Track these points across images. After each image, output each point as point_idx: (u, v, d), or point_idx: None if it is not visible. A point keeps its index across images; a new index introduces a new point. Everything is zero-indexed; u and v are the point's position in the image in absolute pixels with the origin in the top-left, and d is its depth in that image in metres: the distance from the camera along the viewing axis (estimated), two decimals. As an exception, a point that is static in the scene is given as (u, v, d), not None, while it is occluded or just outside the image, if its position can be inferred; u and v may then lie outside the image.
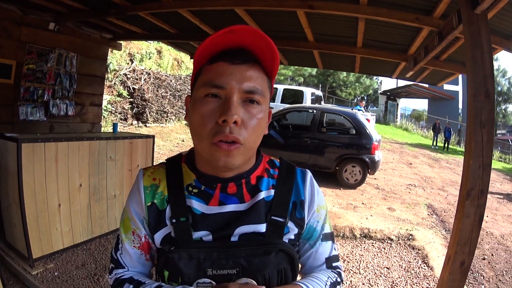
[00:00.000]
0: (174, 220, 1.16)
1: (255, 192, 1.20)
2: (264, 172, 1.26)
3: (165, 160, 1.32)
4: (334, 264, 1.34)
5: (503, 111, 32.84)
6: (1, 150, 4.60)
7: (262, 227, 1.16)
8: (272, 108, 15.10)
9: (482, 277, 5.61)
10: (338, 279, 1.31)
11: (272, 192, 1.22)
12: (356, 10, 4.19)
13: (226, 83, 1.03)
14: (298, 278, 1.27)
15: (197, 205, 1.17)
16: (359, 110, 15.62)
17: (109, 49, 7.80)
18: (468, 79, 2.81)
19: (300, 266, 1.30)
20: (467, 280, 5.35)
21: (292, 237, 1.21)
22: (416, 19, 4.04)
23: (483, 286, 5.36)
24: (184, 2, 4.86)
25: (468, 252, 2.81)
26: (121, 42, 7.90)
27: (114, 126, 6.50)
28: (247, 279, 1.09)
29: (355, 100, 41.76)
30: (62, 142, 4.78)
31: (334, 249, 1.35)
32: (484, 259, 6.31)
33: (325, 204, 1.34)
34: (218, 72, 1.04)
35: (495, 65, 32.24)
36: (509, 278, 5.73)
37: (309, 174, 1.32)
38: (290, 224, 1.21)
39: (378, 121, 31.10)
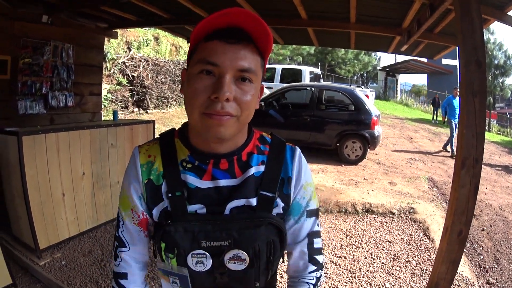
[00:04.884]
0: (170, 195, 1.20)
1: (245, 168, 1.24)
2: (254, 148, 1.29)
3: (159, 135, 1.36)
4: (315, 240, 1.38)
5: (500, 84, 32.33)
6: (2, 144, 4.62)
7: (253, 201, 1.20)
8: (272, 88, 15.06)
9: (481, 248, 5.67)
10: (318, 274, 1.40)
11: (262, 168, 1.26)
12: (346, -15, 4.20)
13: (220, 61, 1.05)
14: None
15: (192, 180, 1.21)
16: (453, 101, 14.02)
17: (105, 38, 7.79)
18: (459, 50, 2.82)
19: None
20: (467, 251, 5.43)
21: (280, 211, 1.26)
22: (407, -8, 4.05)
23: (481, 257, 5.42)
24: (176, -14, 4.87)
25: (465, 221, 2.85)
26: (117, 30, 7.89)
27: (114, 113, 6.53)
28: (238, 251, 1.15)
29: (355, 77, 41.53)
30: (63, 132, 4.81)
31: (317, 225, 1.40)
32: (483, 230, 6.37)
33: (312, 181, 1.37)
34: (213, 50, 1.07)
35: (492, 38, 31.77)
36: (506, 248, 5.79)
37: (298, 151, 1.35)
38: (278, 200, 1.26)
39: (378, 97, 30.96)
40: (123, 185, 1.32)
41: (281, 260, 1.37)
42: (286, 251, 1.41)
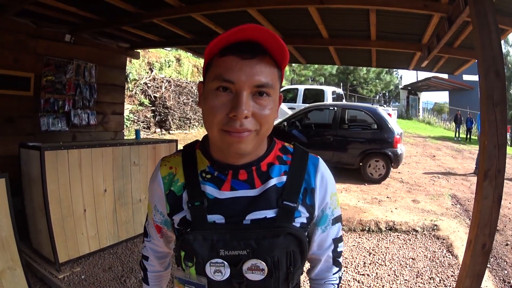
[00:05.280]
0: (189, 205, 1.22)
1: (265, 179, 1.24)
2: (275, 159, 1.28)
3: (183, 147, 1.39)
4: (339, 244, 1.40)
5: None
6: (25, 159, 4.72)
7: (274, 212, 1.20)
8: (295, 108, 15.08)
9: (505, 263, 5.57)
10: (340, 274, 1.45)
11: (284, 178, 1.25)
12: (365, 1, 4.22)
13: (236, 78, 1.05)
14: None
15: (210, 190, 1.22)
16: None
17: (127, 58, 7.89)
18: (478, 60, 2.81)
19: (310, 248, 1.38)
20: (491, 266, 5.35)
21: (304, 220, 1.25)
22: (425, 6, 4.04)
23: (506, 271, 5.32)
24: (196, 6, 4.91)
25: (488, 233, 2.79)
26: (139, 50, 8.00)
27: (137, 132, 6.58)
28: (257, 260, 1.15)
29: (377, 97, 41.41)
30: (85, 148, 4.87)
31: (341, 229, 1.41)
32: (507, 245, 6.24)
33: (336, 191, 1.36)
34: (228, 67, 1.06)
35: (511, 50, 31.45)
36: (530, 262, 5.71)
37: (320, 162, 1.34)
38: (302, 209, 1.24)
39: (400, 116, 30.82)
40: (148, 191, 1.42)
41: (304, 273, 1.41)
42: (308, 263, 1.44)
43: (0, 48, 5.28)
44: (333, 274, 1.42)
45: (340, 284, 1.45)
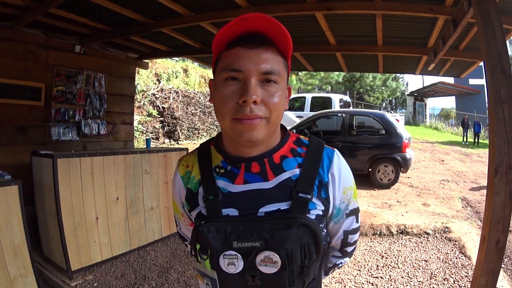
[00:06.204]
0: (204, 199, 1.25)
1: (279, 171, 1.25)
2: (289, 152, 1.29)
3: (199, 145, 1.42)
4: (349, 236, 1.43)
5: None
6: (37, 167, 4.76)
7: (286, 205, 1.21)
8: (302, 117, 15.04)
9: (520, 262, 5.54)
10: (338, 261, 1.54)
11: (298, 171, 1.25)
12: (372, 6, 4.25)
13: (243, 67, 1.10)
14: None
15: (224, 184, 1.25)
16: None
17: (136, 69, 7.95)
18: (483, 58, 2.83)
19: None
20: (505, 266, 5.30)
21: (320, 213, 1.25)
22: (430, 10, 4.08)
23: (521, 271, 5.30)
24: (205, 15, 4.96)
25: (502, 230, 2.78)
26: (147, 61, 8.06)
27: (147, 141, 6.63)
28: (270, 252, 1.15)
29: (383, 104, 41.25)
30: (97, 156, 4.90)
31: (356, 222, 1.42)
32: (521, 244, 6.22)
33: (352, 184, 1.37)
34: (236, 57, 1.11)
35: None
36: (548, 262, 5.65)
37: (335, 155, 1.34)
38: (317, 201, 1.25)
39: (407, 122, 30.68)
40: (172, 193, 1.48)
41: (322, 273, 1.46)
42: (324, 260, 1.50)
43: (12, 59, 5.36)
44: (332, 256, 1.52)
45: (332, 269, 1.55)
